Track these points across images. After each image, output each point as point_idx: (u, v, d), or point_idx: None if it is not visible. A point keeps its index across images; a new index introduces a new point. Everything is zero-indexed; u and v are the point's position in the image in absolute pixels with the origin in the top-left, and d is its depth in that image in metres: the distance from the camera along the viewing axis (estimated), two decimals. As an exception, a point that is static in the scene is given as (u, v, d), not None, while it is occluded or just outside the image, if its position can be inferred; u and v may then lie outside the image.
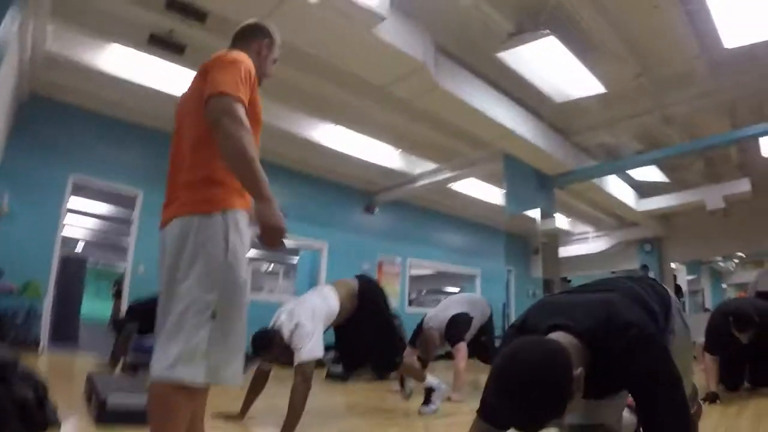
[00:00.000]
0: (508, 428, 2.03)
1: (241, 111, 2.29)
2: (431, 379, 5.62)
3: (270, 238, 2.25)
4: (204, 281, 2.27)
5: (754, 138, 10.55)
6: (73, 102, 9.16)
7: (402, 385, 6.34)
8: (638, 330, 1.95)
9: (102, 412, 3.41)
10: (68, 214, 9.24)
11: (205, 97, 2.30)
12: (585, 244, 18.82)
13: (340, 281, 5.22)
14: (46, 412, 3.34)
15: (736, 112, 10.21)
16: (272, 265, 25.10)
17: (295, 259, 17.69)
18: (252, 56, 2.61)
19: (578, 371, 1.81)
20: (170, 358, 2.18)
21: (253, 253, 20.30)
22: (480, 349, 7.58)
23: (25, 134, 8.57)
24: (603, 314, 2.01)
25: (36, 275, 8.34)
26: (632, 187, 14.89)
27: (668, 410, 1.86)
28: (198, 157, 2.41)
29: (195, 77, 2.56)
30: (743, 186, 13.73)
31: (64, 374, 3.14)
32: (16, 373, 3.03)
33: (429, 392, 5.62)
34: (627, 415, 2.65)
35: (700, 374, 5.95)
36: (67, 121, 9.09)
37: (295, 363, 4.23)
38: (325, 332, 4.65)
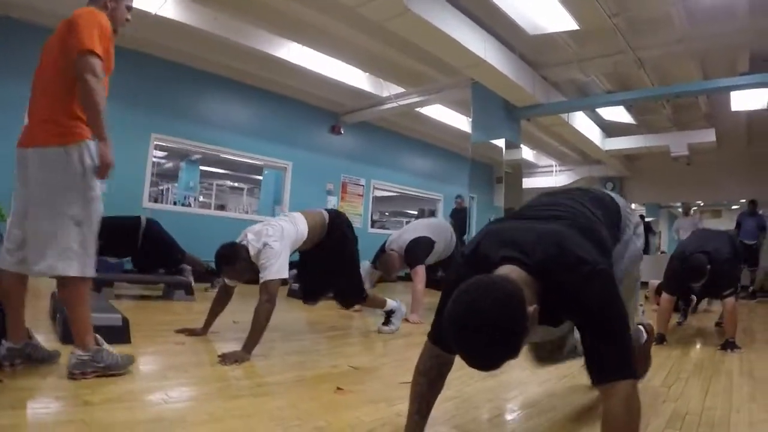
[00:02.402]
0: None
1: (99, 67, 2.93)
2: (391, 302, 5.70)
3: (105, 170, 2.98)
4: (63, 194, 2.94)
5: (725, 90, 10.61)
6: (29, 19, 8.83)
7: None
8: (589, 267, 1.94)
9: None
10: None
11: (74, 52, 2.91)
12: (549, 177, 19.00)
13: (311, 210, 5.18)
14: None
15: (708, 63, 10.26)
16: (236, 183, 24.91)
17: (260, 177, 17.58)
18: (104, 12, 3.16)
19: (532, 308, 1.79)
20: (47, 258, 2.91)
21: (219, 170, 20.29)
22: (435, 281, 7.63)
23: None
24: (554, 249, 1.99)
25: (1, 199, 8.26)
26: (599, 125, 14.98)
27: (611, 345, 1.87)
28: (63, 96, 2.99)
29: (60, 27, 3.11)
30: (709, 136, 13.96)
31: (29, 293, 3.15)
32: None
33: (389, 314, 5.73)
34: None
35: (652, 314, 6.11)
36: (23, 39, 8.75)
37: (261, 281, 4.20)
38: (291, 255, 4.63)
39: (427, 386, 2.27)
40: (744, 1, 7.66)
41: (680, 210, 16.65)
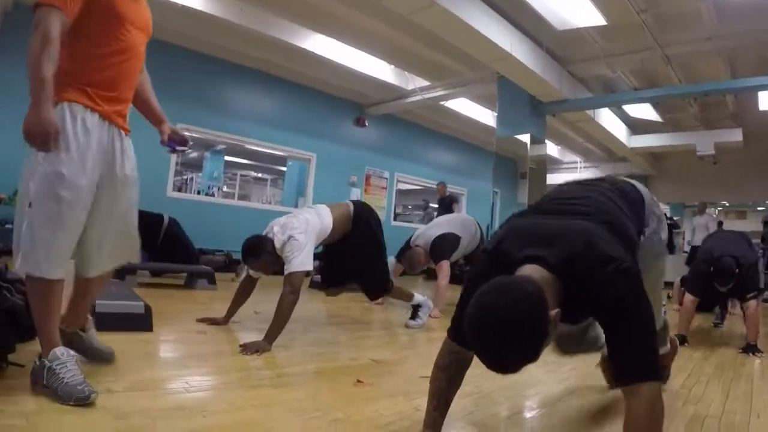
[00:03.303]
0: None
1: (50, 22, 2.35)
2: (418, 297, 5.71)
3: (29, 138, 2.29)
4: (26, 171, 2.47)
5: (753, 90, 10.50)
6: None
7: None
8: (615, 264, 1.91)
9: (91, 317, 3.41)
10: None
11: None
12: (573, 173, 18.89)
13: (337, 204, 5.20)
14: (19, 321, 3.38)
15: (736, 61, 10.15)
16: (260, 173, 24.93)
17: (284, 168, 17.59)
18: None
19: (554, 312, 1.79)
20: (16, 249, 2.48)
21: (243, 160, 20.29)
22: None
23: (11, 42, 8.36)
24: (579, 246, 1.95)
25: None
26: (625, 123, 14.87)
27: (636, 346, 1.86)
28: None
29: None
30: (735, 136, 13.78)
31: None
32: (5, 280, 3.03)
33: (416, 308, 5.74)
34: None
35: (674, 314, 6.07)
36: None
37: (285, 273, 4.22)
38: (316, 248, 4.65)
39: (446, 382, 2.27)
40: (776, -2, 7.58)
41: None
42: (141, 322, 3.97)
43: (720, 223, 15.22)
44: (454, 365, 2.27)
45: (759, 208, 20.65)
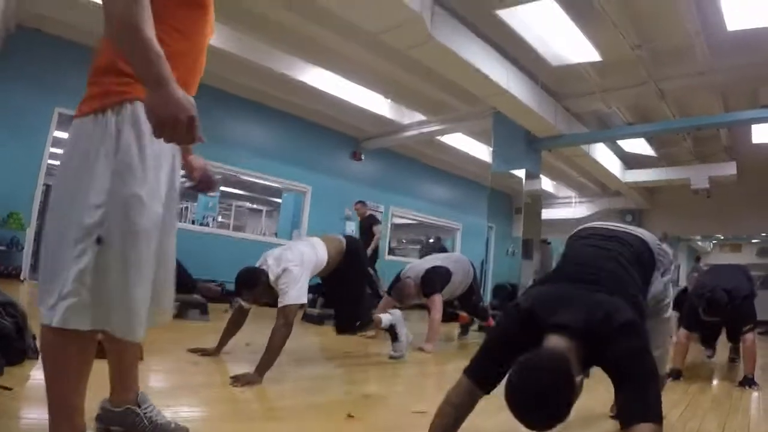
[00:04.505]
0: (490, 391, 2.37)
1: None
2: (384, 317, 5.62)
3: (167, 132, 1.61)
4: (83, 196, 1.77)
5: (746, 123, 10.58)
6: (61, 34, 8.99)
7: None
8: (626, 328, 2.18)
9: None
10: (53, 147, 9.18)
11: None
12: (568, 208, 18.94)
13: (329, 236, 5.24)
14: (25, 341, 3.31)
15: (729, 95, 10.24)
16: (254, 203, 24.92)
17: (279, 200, 17.59)
18: None
19: (579, 379, 2.09)
20: (52, 296, 1.75)
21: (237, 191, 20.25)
22: (472, 309, 7.91)
23: (11, 66, 8.46)
24: (600, 316, 2.20)
25: (19, 207, 8.35)
26: (619, 157, 14.93)
27: (640, 391, 2.06)
28: (100, 45, 1.94)
29: None
30: (729, 169, 13.86)
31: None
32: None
33: (392, 331, 5.65)
34: None
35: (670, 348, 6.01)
36: (53, 54, 8.93)
37: (280, 305, 4.20)
38: (309, 280, 4.65)
39: (453, 419, 2.38)
40: (765, 32, 7.63)
41: (699, 243, 16.65)
42: (132, 352, 3.91)
43: (697, 259, 15.24)
44: (467, 404, 2.40)
45: (753, 241, 20.72)
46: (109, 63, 1.85)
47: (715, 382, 5.90)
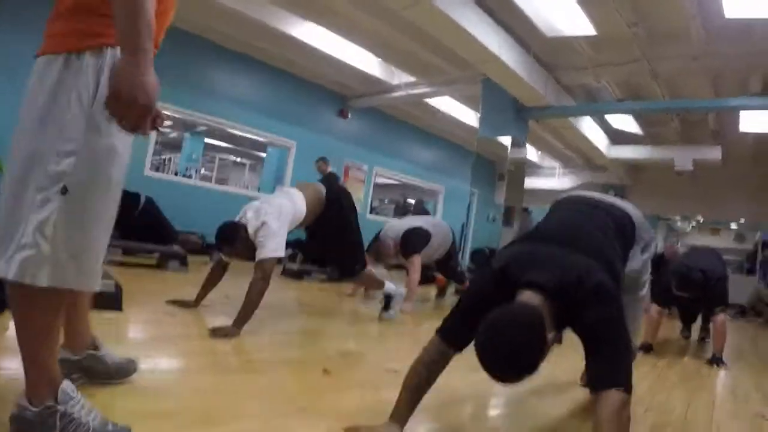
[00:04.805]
0: (463, 350, 2.37)
1: None
2: (389, 285, 5.69)
3: (118, 108, 1.57)
4: (50, 141, 1.67)
5: (735, 110, 10.67)
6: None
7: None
8: (599, 290, 2.17)
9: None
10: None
11: None
12: (551, 179, 18.99)
13: (309, 185, 5.22)
14: (4, 293, 3.27)
15: (721, 81, 10.25)
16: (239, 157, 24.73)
17: (263, 154, 17.46)
18: None
19: (551, 335, 2.10)
20: (10, 247, 1.66)
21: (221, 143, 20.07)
22: (449, 273, 8.02)
23: (7, 11, 8.29)
24: (574, 277, 2.18)
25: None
26: (606, 132, 14.94)
27: (612, 357, 2.07)
28: None
29: None
30: (715, 153, 13.96)
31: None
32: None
33: (388, 299, 5.72)
34: None
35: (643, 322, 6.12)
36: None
37: (257, 259, 4.21)
38: (289, 233, 4.67)
39: (425, 378, 2.39)
40: (761, 23, 7.66)
41: (678, 224, 16.80)
42: (111, 301, 3.92)
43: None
44: (439, 363, 2.41)
45: (732, 226, 20.94)
46: (88, 1, 1.72)
47: (684, 358, 6.02)
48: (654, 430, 3.04)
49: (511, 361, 1.99)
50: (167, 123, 15.19)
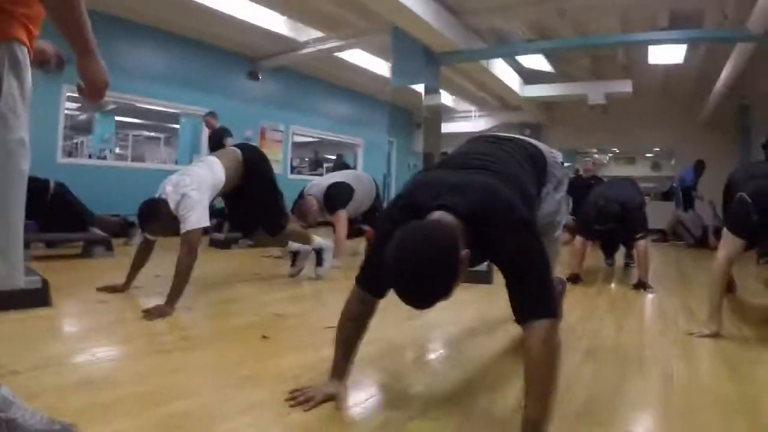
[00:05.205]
0: (384, 295, 2.31)
1: None
2: (317, 240, 5.73)
3: (99, 94, 1.94)
4: None
5: (643, 44, 10.96)
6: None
7: (293, 262, 6.25)
8: (514, 215, 2.08)
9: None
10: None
11: None
12: (468, 122, 19.16)
13: (224, 152, 5.20)
14: None
15: (628, 17, 10.45)
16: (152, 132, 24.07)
17: (177, 126, 17.05)
18: None
19: (465, 252, 1.94)
20: None
21: (131, 119, 19.51)
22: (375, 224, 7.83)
23: None
24: (483, 198, 2.11)
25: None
26: (519, 73, 15.09)
27: (534, 287, 2.01)
28: None
29: None
30: (625, 87, 14.38)
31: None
32: None
33: (318, 253, 5.78)
34: None
35: (568, 253, 6.28)
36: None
37: (182, 232, 4.16)
38: (212, 202, 4.64)
39: (354, 330, 2.39)
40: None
41: (596, 156, 17.20)
42: (39, 298, 3.83)
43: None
44: (365, 313, 2.39)
45: (647, 155, 21.53)
46: None
47: (612, 285, 6.24)
48: (587, 355, 3.17)
49: (422, 282, 1.87)
50: (75, 105, 14.78)
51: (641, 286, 5.72)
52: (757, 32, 8.30)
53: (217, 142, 10.44)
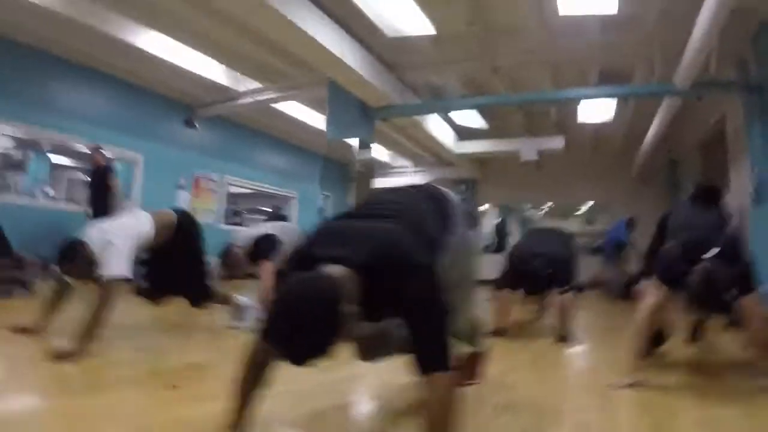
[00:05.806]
0: None
1: None
2: (240, 299, 5.70)
3: None
4: None
5: (574, 100, 11.31)
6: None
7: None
8: (413, 264, 2.10)
9: None
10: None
11: None
12: (404, 177, 19.26)
13: (160, 211, 5.09)
14: None
15: (560, 74, 10.73)
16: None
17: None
18: None
19: (349, 308, 1.93)
20: None
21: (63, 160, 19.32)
22: None
23: None
24: (381, 247, 2.13)
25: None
26: (453, 129, 15.31)
27: (431, 340, 2.04)
28: None
29: None
30: (558, 143, 14.70)
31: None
32: None
33: (239, 311, 5.71)
34: None
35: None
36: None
37: (102, 278, 4.05)
38: (137, 253, 4.51)
39: (251, 380, 2.34)
40: (596, 19, 8.11)
41: (529, 213, 17.47)
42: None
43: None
44: (261, 362, 2.33)
45: (577, 213, 22.01)
46: None
47: (536, 339, 6.21)
48: (502, 409, 3.13)
49: (293, 337, 1.86)
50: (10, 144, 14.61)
51: (563, 339, 5.72)
52: (682, 87, 8.56)
53: (99, 182, 10.19)
